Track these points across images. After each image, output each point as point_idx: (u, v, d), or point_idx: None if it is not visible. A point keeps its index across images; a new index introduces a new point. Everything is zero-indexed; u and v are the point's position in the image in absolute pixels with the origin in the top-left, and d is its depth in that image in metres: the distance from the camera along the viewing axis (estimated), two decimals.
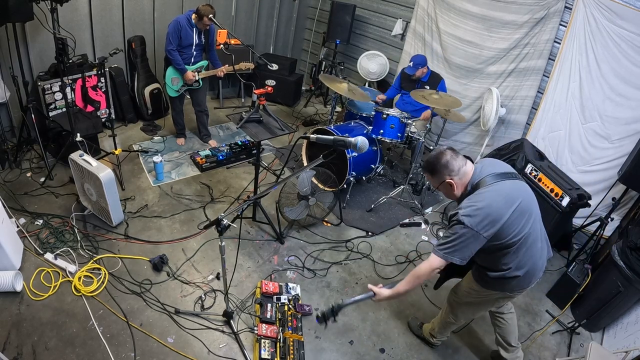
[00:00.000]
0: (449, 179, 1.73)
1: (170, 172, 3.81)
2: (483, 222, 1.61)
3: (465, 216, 1.61)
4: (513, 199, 1.67)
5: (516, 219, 1.66)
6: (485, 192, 1.67)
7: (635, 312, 2.67)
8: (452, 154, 1.74)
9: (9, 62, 3.34)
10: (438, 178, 1.76)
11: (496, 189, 1.67)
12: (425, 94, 3.53)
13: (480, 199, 1.65)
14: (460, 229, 1.63)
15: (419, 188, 4.02)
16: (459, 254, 1.65)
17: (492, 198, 1.65)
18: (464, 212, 1.63)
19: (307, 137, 1.83)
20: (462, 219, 1.61)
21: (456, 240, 1.64)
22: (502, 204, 1.64)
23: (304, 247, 3.20)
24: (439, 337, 2.46)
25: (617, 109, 3.39)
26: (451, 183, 1.74)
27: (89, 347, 2.18)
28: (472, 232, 1.61)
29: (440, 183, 1.77)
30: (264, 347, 2.28)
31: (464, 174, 1.73)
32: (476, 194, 1.68)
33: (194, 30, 3.62)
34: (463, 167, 1.73)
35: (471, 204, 1.64)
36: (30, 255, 2.68)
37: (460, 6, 4.14)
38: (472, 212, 1.62)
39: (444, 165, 1.73)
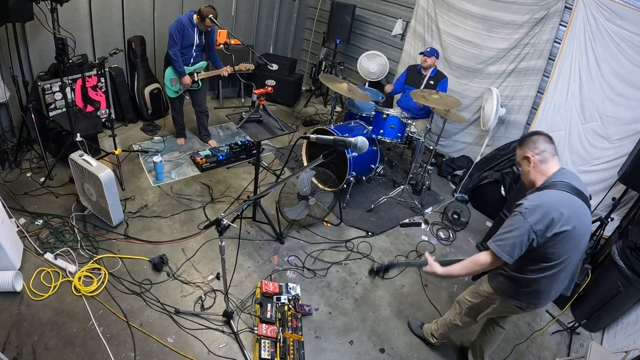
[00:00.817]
0: (530, 154, 1.77)
1: (170, 172, 3.81)
2: (541, 220, 1.61)
3: (528, 208, 1.63)
4: (576, 215, 1.65)
5: (567, 236, 1.64)
6: (555, 194, 1.66)
7: (635, 312, 2.67)
8: (547, 138, 1.78)
9: (9, 62, 3.34)
10: (522, 151, 1.81)
11: (567, 198, 1.66)
12: (425, 94, 3.53)
13: (547, 196, 1.66)
14: (519, 220, 1.64)
15: (419, 188, 4.02)
16: (509, 248, 1.65)
17: (560, 201, 1.64)
18: (528, 203, 1.65)
19: (307, 137, 1.83)
20: (524, 210, 1.63)
21: (512, 231, 1.65)
22: (564, 213, 1.62)
23: (304, 247, 3.20)
24: (440, 339, 2.45)
25: (617, 109, 3.39)
26: (529, 158, 1.77)
27: (89, 347, 2.18)
28: (527, 225, 1.61)
29: (522, 157, 1.81)
30: (264, 347, 2.28)
31: (544, 160, 1.75)
32: (545, 192, 1.68)
33: (195, 31, 3.61)
34: (548, 154, 1.75)
35: (537, 198, 1.66)
36: (30, 255, 2.68)
37: (460, 6, 4.14)
38: (534, 205, 1.63)
39: (532, 141, 1.78)
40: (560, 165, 1.78)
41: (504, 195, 3.72)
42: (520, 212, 1.65)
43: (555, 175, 1.73)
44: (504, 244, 1.67)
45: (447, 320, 2.35)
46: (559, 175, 1.73)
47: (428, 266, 1.85)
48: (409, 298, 2.92)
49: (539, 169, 1.76)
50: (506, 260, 1.66)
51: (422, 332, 2.56)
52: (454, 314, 2.30)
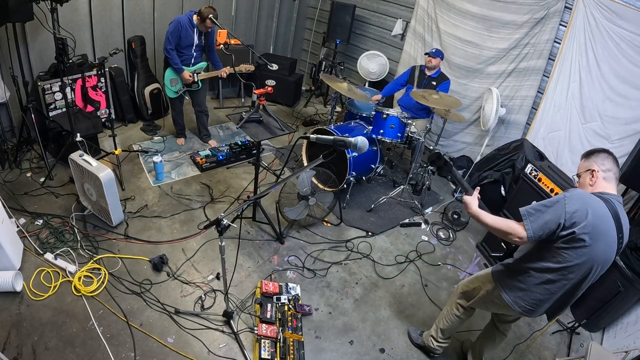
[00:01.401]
0: (596, 168, 1.77)
1: (170, 172, 3.81)
2: (575, 213, 1.61)
3: (569, 197, 1.64)
4: (600, 237, 1.64)
5: (580, 248, 1.64)
6: (598, 203, 1.66)
7: (635, 312, 2.67)
8: (615, 159, 1.80)
9: (9, 62, 3.34)
10: (589, 163, 1.81)
11: (605, 215, 1.66)
12: (426, 94, 3.53)
13: (590, 200, 1.66)
14: (557, 203, 1.65)
15: (419, 188, 4.02)
16: (537, 224, 1.65)
17: (596, 211, 1.63)
18: (571, 193, 1.67)
19: (307, 137, 1.83)
20: (566, 197, 1.64)
21: (546, 206, 1.66)
22: (593, 224, 1.61)
23: (304, 247, 3.20)
24: (441, 341, 2.39)
25: (617, 109, 3.39)
26: (594, 172, 1.77)
27: (89, 347, 2.18)
28: (561, 207, 1.62)
29: (587, 169, 1.81)
30: (264, 347, 2.28)
31: (608, 179, 1.77)
32: (596, 199, 1.68)
33: (195, 31, 3.61)
34: (612, 174, 1.77)
35: (581, 194, 1.68)
36: (30, 255, 2.68)
37: (460, 6, 4.14)
38: (576, 197, 1.64)
39: (602, 157, 1.79)
40: (615, 188, 1.79)
41: (504, 195, 3.72)
42: (565, 195, 1.66)
43: (607, 194, 1.73)
44: (535, 216, 1.67)
45: (445, 312, 2.34)
46: (610, 196, 1.72)
47: (470, 197, 1.89)
48: (409, 298, 2.92)
49: (599, 186, 1.77)
50: (529, 234, 1.65)
51: (422, 339, 2.51)
52: (450, 303, 2.31)
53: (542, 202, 1.70)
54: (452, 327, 2.33)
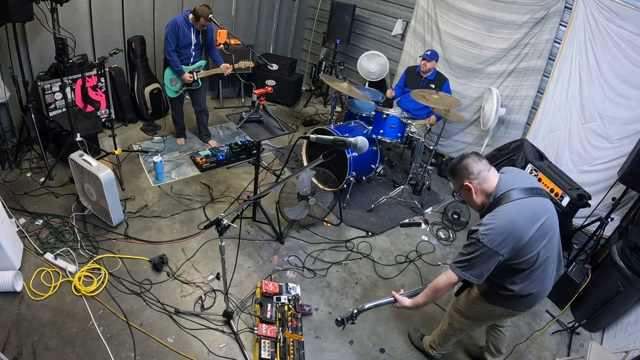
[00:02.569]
0: (467, 182, 1.68)
1: (170, 172, 3.81)
2: (504, 242, 1.54)
3: (485, 234, 1.55)
4: (537, 218, 1.60)
5: (537, 239, 1.60)
6: (509, 209, 1.58)
7: (635, 312, 2.67)
8: (475, 157, 1.69)
9: (9, 62, 3.34)
10: (457, 181, 1.73)
11: (521, 206, 1.59)
12: (426, 94, 3.53)
13: (503, 217, 1.57)
14: (478, 247, 1.56)
15: (419, 188, 4.02)
16: (476, 272, 1.60)
17: (515, 216, 1.57)
18: (484, 229, 1.56)
19: (307, 137, 1.82)
20: (482, 237, 1.55)
21: (473, 258, 1.58)
22: (525, 223, 1.57)
23: (304, 247, 3.20)
24: (439, 350, 2.40)
25: (617, 109, 3.39)
26: (469, 187, 1.68)
27: (89, 347, 2.18)
28: (490, 251, 1.55)
29: (460, 187, 1.72)
30: (264, 347, 2.28)
31: (484, 180, 1.67)
32: (499, 210, 1.59)
33: (192, 30, 3.61)
34: (485, 172, 1.67)
35: (492, 221, 1.57)
36: (30, 255, 2.68)
37: (460, 6, 4.14)
38: (492, 231, 1.55)
39: (463, 167, 1.68)
40: (496, 172, 1.71)
41: None
42: (478, 239, 1.56)
43: (499, 187, 1.65)
44: (468, 266, 1.61)
45: (441, 330, 2.31)
46: (502, 185, 1.65)
47: (397, 303, 1.82)
48: None
49: (482, 191, 1.68)
50: (475, 282, 1.61)
51: (422, 344, 2.51)
52: (447, 324, 2.25)
53: (467, 255, 1.60)
54: (452, 341, 2.33)
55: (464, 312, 2.09)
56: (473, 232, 1.61)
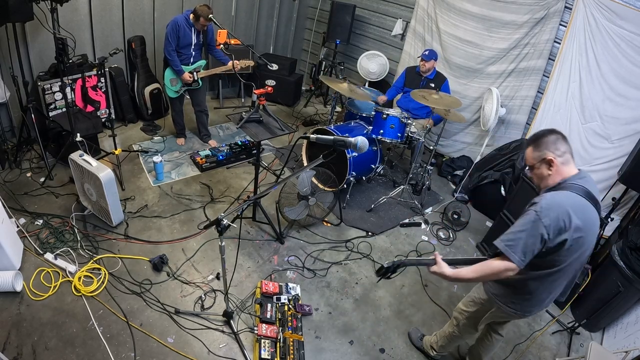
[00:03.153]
0: (551, 156, 1.60)
1: (170, 172, 3.81)
2: (555, 221, 1.49)
3: (543, 209, 1.50)
4: (586, 226, 1.55)
5: (573, 246, 1.55)
6: (573, 198, 1.54)
7: (635, 312, 2.67)
8: (562, 136, 1.63)
9: (9, 62, 3.34)
10: (539, 151, 1.63)
11: (582, 205, 1.55)
12: (426, 94, 3.53)
13: (564, 200, 1.53)
14: (531, 221, 1.51)
15: (419, 188, 4.02)
16: (520, 250, 1.52)
17: (575, 207, 1.52)
18: (544, 203, 1.52)
19: (307, 137, 1.82)
20: (540, 210, 1.50)
21: (522, 231, 1.53)
22: (577, 219, 1.51)
23: (304, 247, 3.20)
24: (440, 352, 2.39)
25: (617, 109, 3.39)
26: (552, 160, 1.60)
27: (89, 347, 2.18)
28: (540, 225, 1.49)
29: (540, 159, 1.62)
30: (264, 347, 2.28)
31: (567, 161, 1.61)
32: (563, 193, 1.55)
33: (192, 30, 3.62)
34: (568, 154, 1.62)
35: (553, 199, 1.53)
36: (30, 255, 2.68)
37: (460, 6, 4.14)
38: (551, 206, 1.51)
39: (552, 141, 1.60)
40: (574, 166, 1.66)
41: (504, 195, 3.72)
42: (536, 211, 1.51)
43: (573, 178, 1.60)
44: (514, 244, 1.53)
45: (447, 332, 2.29)
46: (577, 179, 1.59)
47: (436, 266, 1.69)
48: (409, 298, 2.92)
49: (559, 172, 1.61)
50: (516, 263, 1.52)
51: (422, 344, 2.51)
52: (452, 326, 2.24)
53: (517, 227, 1.56)
54: (454, 344, 2.33)
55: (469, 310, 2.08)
56: (532, 204, 1.57)
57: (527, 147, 1.70)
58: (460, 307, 2.19)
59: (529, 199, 3.13)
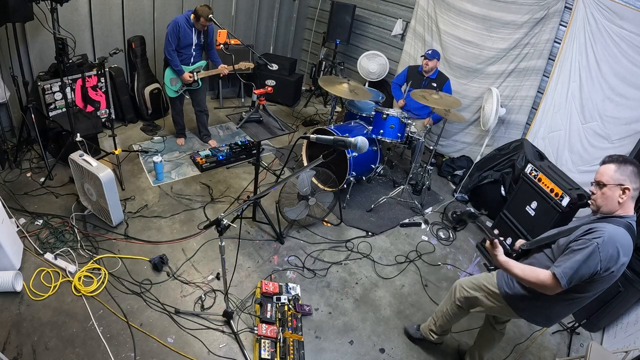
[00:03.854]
0: (629, 186, 1.57)
1: (170, 172, 3.81)
2: (610, 260, 1.52)
3: (605, 242, 1.51)
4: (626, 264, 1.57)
5: (611, 279, 1.60)
6: (628, 238, 1.55)
7: (635, 312, 2.67)
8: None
9: (9, 62, 3.34)
10: (622, 176, 1.59)
11: (631, 245, 1.56)
12: (426, 94, 3.53)
13: (623, 239, 1.54)
14: (592, 252, 1.52)
15: (419, 188, 4.02)
16: (572, 278, 1.55)
17: (628, 248, 1.54)
18: (606, 237, 1.52)
19: (307, 137, 1.82)
20: (601, 244, 1.51)
21: (584, 262, 1.53)
22: (625, 258, 1.55)
23: (304, 247, 3.20)
24: (441, 333, 2.38)
25: (617, 109, 3.39)
26: (627, 190, 1.58)
27: (89, 347, 2.18)
28: (597, 260, 1.52)
29: (618, 183, 1.59)
30: (264, 347, 2.28)
31: (634, 197, 1.61)
32: (621, 231, 1.55)
33: (193, 30, 3.62)
34: (637, 192, 1.61)
35: (614, 235, 1.53)
36: (30, 255, 2.68)
37: (460, 6, 4.14)
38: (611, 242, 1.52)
39: (636, 174, 1.58)
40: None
41: (504, 195, 3.72)
42: (598, 243, 1.52)
43: (631, 218, 1.61)
44: (572, 273, 1.55)
45: (443, 309, 2.28)
46: (632, 220, 1.61)
47: (496, 248, 1.74)
48: (409, 298, 2.92)
49: (626, 204, 1.61)
50: (563, 287, 1.56)
51: (420, 333, 2.51)
52: (449, 302, 2.23)
53: (576, 257, 1.55)
54: (451, 323, 2.32)
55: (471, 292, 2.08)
56: (592, 232, 1.56)
57: (608, 163, 1.65)
58: (463, 284, 2.15)
59: (529, 199, 3.14)
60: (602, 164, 1.67)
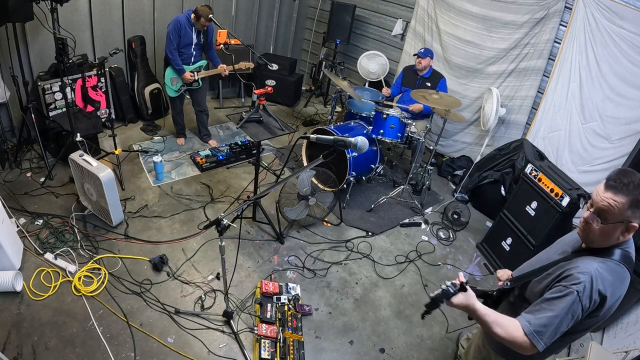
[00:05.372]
0: (635, 223, 1.23)
1: (170, 172, 3.81)
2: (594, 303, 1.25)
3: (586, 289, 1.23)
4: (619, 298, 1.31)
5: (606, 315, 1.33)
6: (622, 276, 1.28)
7: (635, 312, 2.67)
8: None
9: (9, 62, 3.34)
10: (631, 210, 1.20)
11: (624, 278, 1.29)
12: (426, 93, 3.53)
13: (612, 277, 1.25)
14: (569, 304, 1.24)
15: (419, 188, 4.02)
16: (549, 337, 1.26)
17: (618, 285, 1.27)
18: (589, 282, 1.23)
19: (307, 137, 1.82)
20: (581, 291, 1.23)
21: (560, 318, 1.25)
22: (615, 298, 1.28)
23: (304, 247, 3.20)
24: None
25: (617, 109, 3.39)
26: (632, 228, 1.24)
27: (89, 347, 2.18)
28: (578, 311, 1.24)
29: (625, 219, 1.22)
30: (264, 347, 2.28)
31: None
32: (612, 267, 1.27)
33: (193, 30, 3.62)
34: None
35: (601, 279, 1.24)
36: (30, 255, 2.68)
37: (460, 6, 4.14)
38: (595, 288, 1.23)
39: None
40: None
41: (504, 195, 3.72)
42: (577, 291, 1.23)
43: (627, 244, 1.31)
44: (545, 332, 1.26)
45: None
46: (629, 244, 1.32)
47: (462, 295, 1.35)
48: (409, 298, 2.92)
49: (626, 238, 1.30)
50: (540, 349, 1.27)
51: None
52: None
53: (552, 312, 1.26)
54: None
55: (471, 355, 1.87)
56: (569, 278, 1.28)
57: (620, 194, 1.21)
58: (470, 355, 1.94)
59: (529, 199, 3.13)
60: (609, 187, 1.23)
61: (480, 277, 3.22)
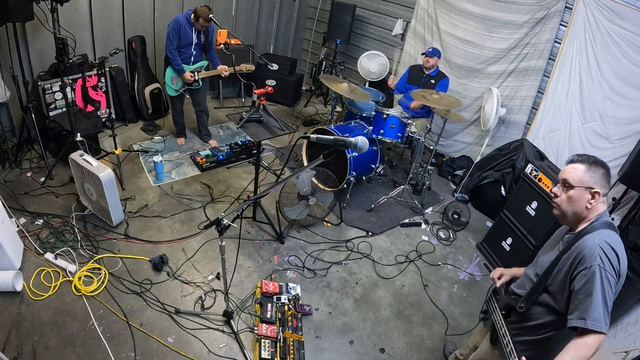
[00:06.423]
0: (600, 190, 1.41)
1: (171, 172, 3.81)
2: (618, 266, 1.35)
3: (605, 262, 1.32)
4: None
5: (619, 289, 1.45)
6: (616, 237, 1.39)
7: (635, 312, 2.67)
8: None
9: (9, 62, 3.34)
10: (592, 179, 1.41)
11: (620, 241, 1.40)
12: (426, 93, 3.53)
13: (616, 242, 1.37)
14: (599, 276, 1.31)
15: (419, 188, 4.02)
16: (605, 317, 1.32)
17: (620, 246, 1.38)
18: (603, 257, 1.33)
19: (307, 137, 1.82)
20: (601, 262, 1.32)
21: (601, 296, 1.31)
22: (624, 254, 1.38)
23: (304, 247, 3.20)
24: None
25: (617, 109, 3.39)
26: (598, 194, 1.41)
27: (89, 347, 2.18)
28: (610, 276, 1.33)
29: (587, 186, 1.42)
30: (264, 347, 2.28)
31: (604, 200, 1.45)
32: (610, 233, 1.39)
33: (193, 30, 3.62)
34: (606, 197, 1.47)
35: (612, 245, 1.35)
36: (31, 255, 2.68)
37: (461, 6, 4.14)
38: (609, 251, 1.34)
39: (606, 177, 1.42)
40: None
41: (504, 195, 3.72)
42: (599, 265, 1.32)
43: (605, 215, 1.46)
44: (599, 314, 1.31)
45: None
46: (606, 216, 1.45)
47: None
48: (409, 298, 2.92)
49: (596, 207, 1.44)
50: (606, 331, 1.32)
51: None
52: None
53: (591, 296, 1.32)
54: None
55: None
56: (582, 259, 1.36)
57: (577, 162, 1.46)
58: None
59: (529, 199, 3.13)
60: (569, 162, 1.49)
61: (480, 277, 3.22)
